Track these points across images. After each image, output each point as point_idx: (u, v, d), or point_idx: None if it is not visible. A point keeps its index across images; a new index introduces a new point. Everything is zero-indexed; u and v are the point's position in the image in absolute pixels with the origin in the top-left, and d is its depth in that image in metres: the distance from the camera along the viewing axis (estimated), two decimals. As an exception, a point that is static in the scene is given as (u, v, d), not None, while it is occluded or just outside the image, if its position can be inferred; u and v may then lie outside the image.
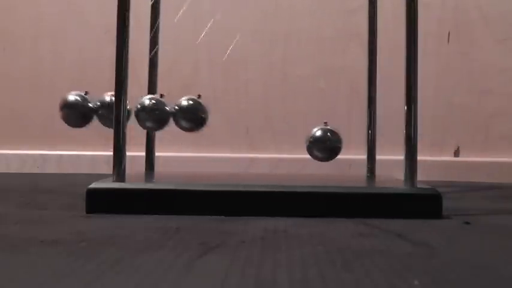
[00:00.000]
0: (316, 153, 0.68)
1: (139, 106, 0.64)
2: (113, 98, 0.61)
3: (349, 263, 0.38)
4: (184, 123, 0.65)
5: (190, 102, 0.66)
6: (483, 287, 0.33)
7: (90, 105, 0.66)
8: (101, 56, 1.16)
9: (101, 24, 1.16)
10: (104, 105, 0.66)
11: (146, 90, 0.78)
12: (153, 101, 0.64)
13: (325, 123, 0.69)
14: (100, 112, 0.66)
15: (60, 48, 1.19)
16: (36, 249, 0.41)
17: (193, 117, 0.66)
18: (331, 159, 0.69)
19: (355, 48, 1.13)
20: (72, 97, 0.66)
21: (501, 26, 1.15)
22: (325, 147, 0.68)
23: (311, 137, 0.68)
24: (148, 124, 0.64)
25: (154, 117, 0.64)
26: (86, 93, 0.67)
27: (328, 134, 0.68)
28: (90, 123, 0.67)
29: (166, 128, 0.66)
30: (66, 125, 0.69)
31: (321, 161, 0.69)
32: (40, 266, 0.36)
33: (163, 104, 0.65)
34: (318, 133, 0.68)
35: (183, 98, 0.66)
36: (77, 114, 0.66)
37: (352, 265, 0.37)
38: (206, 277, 0.34)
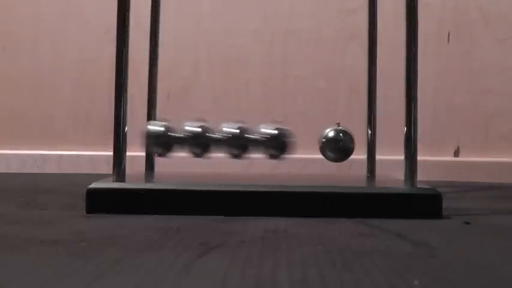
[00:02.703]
0: (329, 153, 0.68)
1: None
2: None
3: (349, 263, 0.38)
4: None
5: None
6: (483, 287, 0.33)
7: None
8: (101, 56, 1.16)
9: (101, 24, 1.16)
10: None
11: (146, 90, 0.78)
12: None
13: (338, 123, 0.70)
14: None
15: (60, 48, 1.19)
16: (36, 249, 0.41)
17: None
18: (344, 160, 0.70)
19: (355, 48, 1.13)
20: None
21: (501, 26, 1.15)
22: (338, 147, 0.69)
23: (324, 138, 0.69)
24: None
25: None
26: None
27: (341, 134, 0.69)
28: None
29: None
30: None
31: (335, 161, 0.70)
32: (40, 266, 0.36)
33: None
34: (331, 134, 0.69)
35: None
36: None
37: (352, 265, 0.37)
38: (206, 277, 0.34)
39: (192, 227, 0.51)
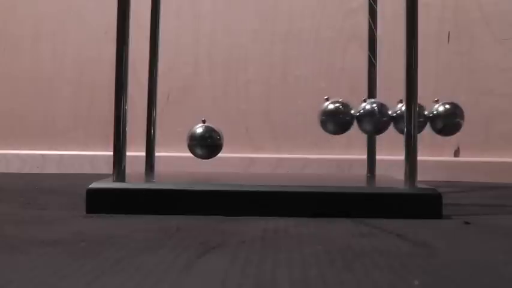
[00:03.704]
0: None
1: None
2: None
3: (349, 263, 0.38)
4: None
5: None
6: (483, 287, 0.33)
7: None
8: (101, 56, 1.16)
9: (101, 24, 1.16)
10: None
11: (146, 90, 0.78)
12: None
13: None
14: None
15: (60, 48, 1.19)
16: (36, 249, 0.41)
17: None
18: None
19: (355, 48, 1.13)
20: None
21: (501, 26, 1.15)
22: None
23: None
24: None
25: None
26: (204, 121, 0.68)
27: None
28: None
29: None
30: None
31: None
32: (40, 266, 0.36)
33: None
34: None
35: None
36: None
37: (352, 265, 0.37)
38: (206, 277, 0.34)
39: (192, 227, 0.51)
